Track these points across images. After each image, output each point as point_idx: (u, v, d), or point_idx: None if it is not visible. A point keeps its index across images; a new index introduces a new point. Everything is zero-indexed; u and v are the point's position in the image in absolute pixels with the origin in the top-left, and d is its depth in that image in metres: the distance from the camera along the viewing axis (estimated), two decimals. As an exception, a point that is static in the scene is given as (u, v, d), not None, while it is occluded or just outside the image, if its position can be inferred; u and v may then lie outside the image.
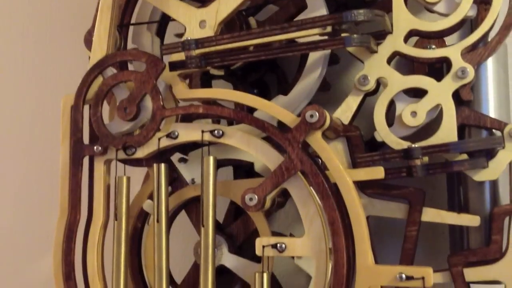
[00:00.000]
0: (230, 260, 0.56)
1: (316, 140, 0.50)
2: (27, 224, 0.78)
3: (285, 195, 0.56)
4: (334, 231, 0.49)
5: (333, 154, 0.50)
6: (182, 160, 0.58)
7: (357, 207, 0.49)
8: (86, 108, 0.56)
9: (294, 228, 0.65)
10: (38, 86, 0.80)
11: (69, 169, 0.55)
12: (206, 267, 0.52)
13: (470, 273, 0.52)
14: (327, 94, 0.61)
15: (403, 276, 0.47)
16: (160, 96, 0.53)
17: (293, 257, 0.55)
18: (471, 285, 0.51)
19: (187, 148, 0.59)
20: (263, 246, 0.50)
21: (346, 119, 0.55)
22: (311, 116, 0.50)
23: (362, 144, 0.54)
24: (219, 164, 0.55)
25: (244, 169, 0.59)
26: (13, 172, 0.80)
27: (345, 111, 0.55)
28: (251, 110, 0.56)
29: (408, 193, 0.54)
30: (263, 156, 0.52)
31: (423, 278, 0.46)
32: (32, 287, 0.76)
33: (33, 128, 0.80)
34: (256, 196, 0.50)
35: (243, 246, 0.58)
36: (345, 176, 0.49)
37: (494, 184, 0.53)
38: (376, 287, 0.53)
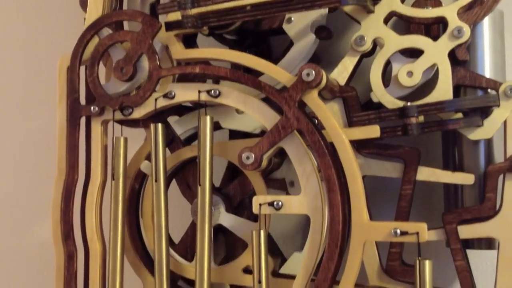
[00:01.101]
0: (227, 220, 0.57)
1: (312, 99, 0.50)
2: (25, 187, 0.78)
3: (281, 156, 0.57)
4: (330, 188, 0.49)
5: (329, 113, 0.50)
6: None
7: (353, 164, 0.49)
8: (83, 70, 0.56)
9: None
10: (34, 48, 0.80)
11: (66, 130, 0.55)
12: (203, 225, 0.52)
13: (464, 230, 0.52)
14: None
15: (398, 231, 0.47)
16: (157, 56, 0.53)
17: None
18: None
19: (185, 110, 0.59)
20: (260, 204, 0.51)
21: (342, 80, 0.55)
22: (308, 74, 0.50)
23: (358, 105, 0.54)
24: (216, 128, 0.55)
25: (240, 132, 0.59)
26: (10, 135, 0.80)
27: (341, 72, 0.55)
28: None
29: (403, 153, 0.54)
30: (259, 116, 0.52)
31: (417, 233, 0.47)
32: (31, 250, 0.77)
33: (30, 89, 0.79)
34: (253, 155, 0.51)
35: (240, 207, 0.58)
36: (341, 134, 0.50)
37: (488, 142, 0.54)
38: (371, 242, 0.54)
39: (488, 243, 0.55)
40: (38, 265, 0.76)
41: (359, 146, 0.54)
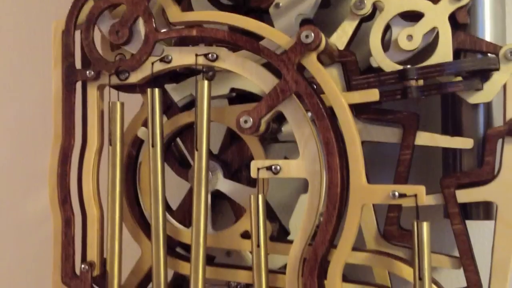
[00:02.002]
0: (225, 185, 0.56)
1: (311, 62, 0.50)
2: (21, 155, 0.77)
3: (279, 121, 0.56)
4: (328, 151, 0.49)
5: (328, 77, 0.50)
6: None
7: (351, 127, 0.49)
8: (78, 34, 0.55)
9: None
10: (27, 12, 0.78)
11: (62, 94, 0.54)
12: (199, 189, 0.52)
13: (462, 195, 0.52)
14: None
15: (396, 193, 0.47)
16: (153, 19, 0.52)
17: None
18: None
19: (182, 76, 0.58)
20: (258, 169, 0.51)
21: (341, 45, 0.54)
22: (307, 36, 0.49)
23: (357, 69, 0.53)
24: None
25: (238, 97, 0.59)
26: (5, 102, 0.79)
27: (340, 37, 0.55)
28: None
29: (402, 118, 0.54)
30: (258, 80, 0.51)
31: (415, 195, 0.47)
32: (29, 218, 0.77)
33: (24, 55, 0.78)
34: (251, 119, 0.50)
35: (238, 173, 0.58)
36: (340, 97, 0.49)
37: (488, 106, 0.53)
38: (369, 207, 0.54)
39: (486, 213, 0.55)
40: (36, 234, 0.76)
41: (357, 111, 0.54)
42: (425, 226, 0.46)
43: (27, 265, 0.77)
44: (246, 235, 0.55)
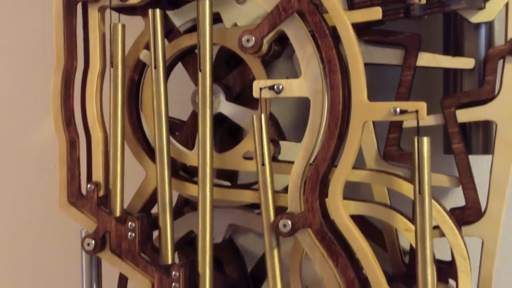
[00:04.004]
0: (227, 108, 0.57)
1: (313, -20, 0.49)
2: (22, 86, 0.77)
3: (281, 44, 0.56)
4: (330, 69, 0.49)
5: (331, -6, 0.49)
6: None
7: (353, 44, 0.49)
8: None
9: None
10: None
11: (63, 17, 0.54)
12: (204, 110, 0.52)
13: (463, 114, 0.53)
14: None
15: (398, 110, 0.47)
16: None
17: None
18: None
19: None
20: (260, 88, 0.51)
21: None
22: (309, -48, 0.48)
23: (359, -10, 0.53)
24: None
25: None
26: (4, 28, 0.78)
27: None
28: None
29: (404, 38, 0.54)
30: (260, -1, 0.51)
31: (416, 111, 0.47)
32: (33, 149, 0.77)
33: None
34: (253, 38, 0.50)
35: (240, 97, 0.58)
36: (342, 15, 0.49)
37: (489, 26, 0.53)
38: (370, 126, 0.55)
39: (485, 147, 0.56)
40: (40, 163, 0.77)
41: (359, 33, 0.54)
42: (425, 141, 0.47)
43: (31, 192, 0.78)
44: (248, 156, 0.56)
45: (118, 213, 0.54)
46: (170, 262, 0.54)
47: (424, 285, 0.47)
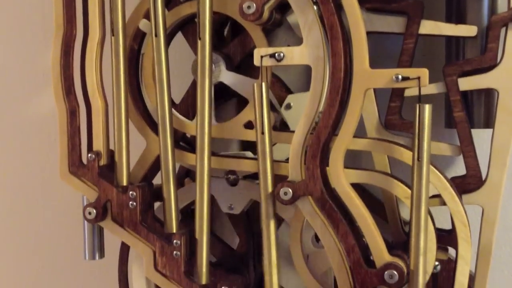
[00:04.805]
0: (228, 77, 0.57)
1: None
2: (20, 56, 0.77)
3: (282, 11, 0.56)
4: (332, 36, 0.49)
5: (332, -40, 0.49)
6: None
7: (355, 11, 0.48)
8: None
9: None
10: None
11: (61, -16, 0.54)
12: (203, 79, 0.52)
13: (465, 82, 0.53)
14: None
15: (399, 76, 0.47)
16: None
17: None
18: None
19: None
20: (261, 56, 0.51)
21: None
22: None
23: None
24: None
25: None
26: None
27: None
28: None
29: (406, 6, 0.53)
30: (260, -35, 0.50)
31: (418, 78, 0.47)
32: (33, 121, 0.77)
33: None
34: (254, 4, 0.50)
35: (240, 67, 0.58)
36: (344, -20, 0.48)
37: (493, -7, 0.53)
38: (371, 96, 0.55)
39: (486, 121, 0.56)
40: (40, 135, 0.77)
41: (361, 0, 0.53)
42: (427, 108, 0.47)
43: (31, 164, 0.78)
44: (249, 125, 0.55)
45: (124, 182, 0.54)
46: (174, 231, 0.54)
47: (416, 249, 0.48)
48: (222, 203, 0.59)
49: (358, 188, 0.52)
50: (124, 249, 0.60)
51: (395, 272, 0.49)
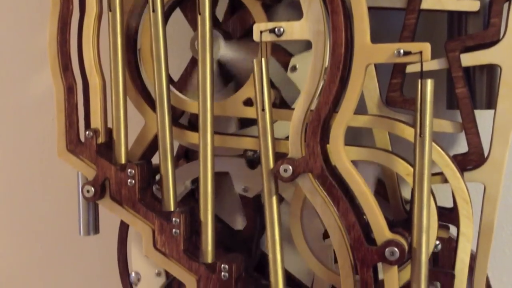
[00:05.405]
0: (227, 54, 0.56)
1: None
2: (18, 37, 0.76)
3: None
4: (333, 10, 0.48)
5: None
6: None
7: (357, -16, 0.47)
8: None
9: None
10: None
11: (57, -42, 0.53)
12: (204, 56, 0.51)
13: (467, 58, 0.52)
14: None
15: (401, 51, 0.47)
16: None
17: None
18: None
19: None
20: (261, 32, 0.50)
21: None
22: None
23: None
24: None
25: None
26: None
27: None
28: None
29: (408, -20, 0.53)
30: None
31: (421, 52, 0.46)
32: (30, 101, 0.77)
33: None
34: (254, -22, 0.49)
35: (241, 42, 0.57)
36: (345, -47, 0.48)
37: (496, -33, 0.52)
38: (372, 67, 0.54)
39: (488, 101, 0.55)
40: (37, 116, 0.76)
41: (362, -25, 0.52)
42: (429, 83, 0.46)
43: (30, 143, 0.78)
44: (248, 102, 0.55)
45: (123, 160, 0.54)
46: (172, 209, 0.54)
47: (419, 227, 0.47)
48: (237, 184, 0.59)
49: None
50: (123, 228, 0.60)
51: (396, 249, 0.48)
